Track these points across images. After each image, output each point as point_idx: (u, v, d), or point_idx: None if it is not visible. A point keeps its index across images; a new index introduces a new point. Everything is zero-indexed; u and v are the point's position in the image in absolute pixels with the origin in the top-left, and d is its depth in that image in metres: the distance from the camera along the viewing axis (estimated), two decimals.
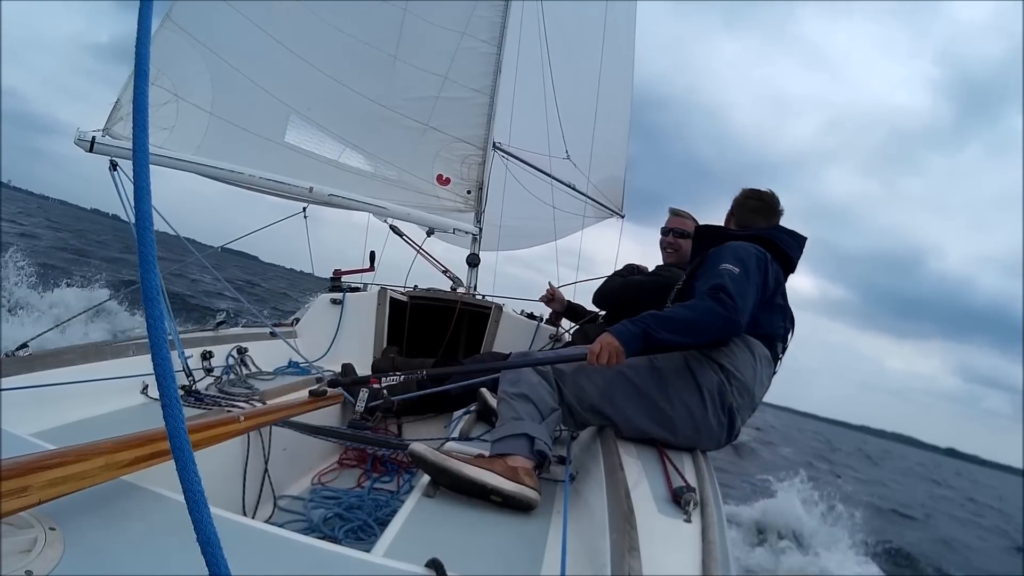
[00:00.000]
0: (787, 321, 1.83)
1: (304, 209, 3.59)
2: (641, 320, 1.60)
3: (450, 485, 1.48)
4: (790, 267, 1.89)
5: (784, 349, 1.84)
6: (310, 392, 2.02)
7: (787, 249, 1.85)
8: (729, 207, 2.08)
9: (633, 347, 1.57)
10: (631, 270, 2.91)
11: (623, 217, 5.89)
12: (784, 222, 2.00)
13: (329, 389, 2.09)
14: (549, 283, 3.23)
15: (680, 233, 2.72)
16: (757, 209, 2.00)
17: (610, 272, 2.98)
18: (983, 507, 18.18)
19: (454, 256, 4.37)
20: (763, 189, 2.04)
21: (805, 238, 1.91)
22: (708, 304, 1.60)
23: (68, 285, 8.26)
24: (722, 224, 2.05)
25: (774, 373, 1.83)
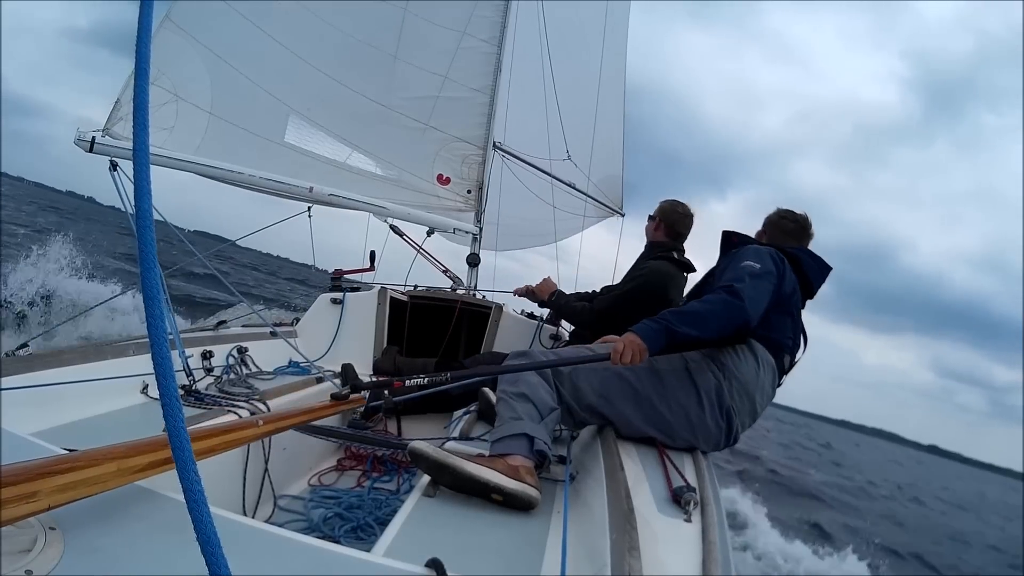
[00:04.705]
0: (797, 335, 1.84)
1: (309, 208, 3.59)
2: (661, 317, 1.62)
3: (451, 483, 1.48)
4: (809, 291, 1.90)
5: (792, 364, 1.85)
6: (332, 396, 1.99)
7: (807, 271, 1.87)
8: (762, 226, 2.10)
9: (656, 344, 1.58)
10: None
11: (623, 216, 5.85)
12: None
13: (352, 393, 2.05)
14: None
15: None
16: (791, 232, 2.03)
17: (604, 277, 2.95)
18: None
19: (452, 254, 4.38)
20: (798, 212, 2.06)
21: (830, 268, 1.91)
22: (722, 296, 1.63)
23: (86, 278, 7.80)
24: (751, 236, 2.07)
25: (778, 385, 1.83)
